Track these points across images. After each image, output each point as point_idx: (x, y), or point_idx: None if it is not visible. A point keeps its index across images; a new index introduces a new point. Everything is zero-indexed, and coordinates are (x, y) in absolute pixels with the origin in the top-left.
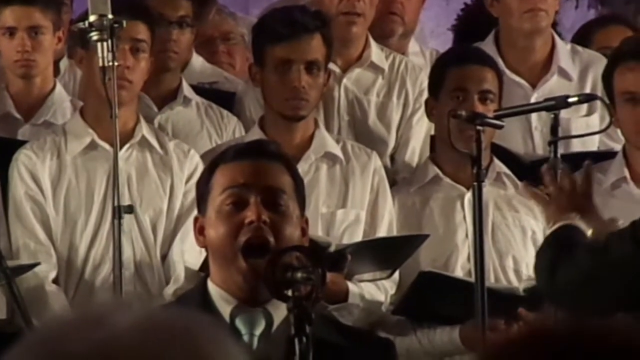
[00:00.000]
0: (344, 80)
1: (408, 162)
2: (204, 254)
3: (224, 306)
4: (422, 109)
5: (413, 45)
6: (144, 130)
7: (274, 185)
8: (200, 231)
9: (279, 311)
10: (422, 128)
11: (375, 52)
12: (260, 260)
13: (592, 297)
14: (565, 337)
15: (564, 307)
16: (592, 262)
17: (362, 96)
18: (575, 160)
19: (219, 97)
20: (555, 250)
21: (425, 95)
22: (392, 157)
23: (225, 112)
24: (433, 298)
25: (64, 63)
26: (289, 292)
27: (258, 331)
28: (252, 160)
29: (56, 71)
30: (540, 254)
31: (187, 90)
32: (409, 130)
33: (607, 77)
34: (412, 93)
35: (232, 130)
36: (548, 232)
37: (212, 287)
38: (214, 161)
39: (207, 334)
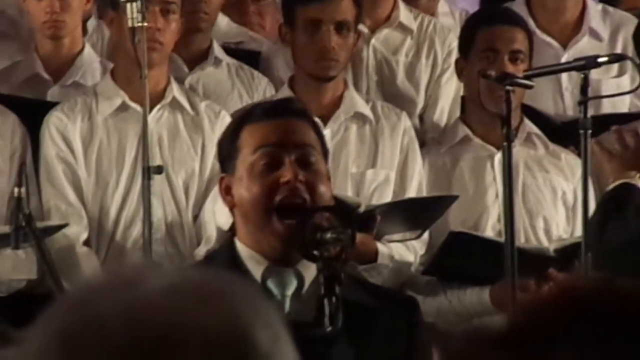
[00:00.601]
0: (373, 41)
1: (437, 122)
2: None
3: (255, 266)
4: (451, 69)
5: (442, 6)
6: (175, 91)
7: (307, 143)
8: (227, 191)
9: (309, 271)
10: (450, 88)
11: (404, 13)
12: (292, 221)
13: (636, 260)
14: (596, 297)
15: (608, 267)
16: None
17: (391, 56)
18: (606, 121)
19: (244, 56)
20: (609, 208)
21: (454, 55)
22: (420, 117)
23: (255, 72)
24: (463, 258)
25: (91, 23)
26: (318, 253)
27: (290, 292)
28: (281, 118)
29: (84, 31)
30: (595, 210)
31: (217, 51)
32: (438, 90)
33: (638, 38)
34: (441, 53)
35: (262, 90)
36: (607, 188)
37: (241, 247)
38: (239, 120)
39: (240, 295)
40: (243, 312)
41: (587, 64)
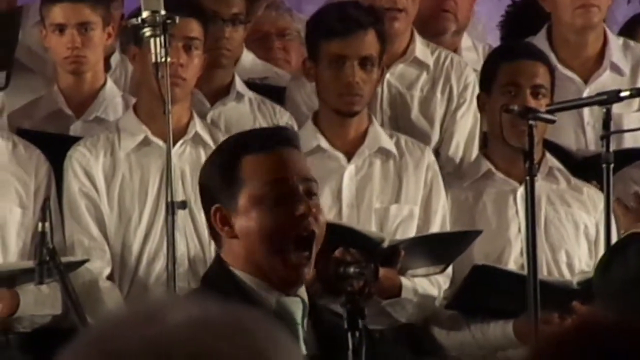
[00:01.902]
0: (387, 76)
1: (452, 157)
2: None
3: (266, 296)
4: (467, 103)
5: (465, 41)
6: (197, 126)
7: (309, 175)
8: (223, 221)
9: (306, 300)
10: (466, 122)
11: (420, 48)
12: (307, 253)
13: (637, 297)
14: (617, 332)
15: (613, 306)
16: None
17: (405, 91)
18: (628, 155)
19: (269, 92)
20: (613, 250)
21: (470, 90)
22: (436, 152)
23: (277, 107)
24: (487, 292)
25: (115, 58)
26: (342, 287)
27: (299, 320)
28: (281, 148)
29: (107, 67)
30: (602, 254)
31: (239, 85)
32: (453, 124)
33: None
34: (457, 88)
35: (284, 124)
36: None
37: (244, 275)
38: (234, 151)
39: (261, 329)
40: (265, 345)
41: (610, 98)
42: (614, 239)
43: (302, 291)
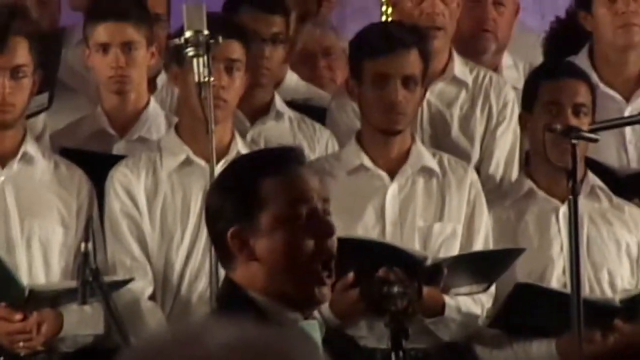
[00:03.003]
0: (427, 94)
1: (492, 174)
2: None
3: (287, 319)
4: (506, 121)
5: (507, 59)
6: (239, 146)
7: (327, 195)
8: (242, 244)
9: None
10: (506, 140)
11: (459, 66)
12: (330, 273)
13: None
14: None
15: None
16: None
17: (445, 109)
18: None
19: (311, 111)
20: None
21: (510, 108)
22: (476, 170)
23: (317, 125)
24: (530, 310)
25: (161, 79)
26: (386, 307)
27: (319, 343)
28: (300, 168)
29: (153, 87)
30: None
31: (279, 104)
32: (493, 142)
33: None
34: (496, 106)
35: (325, 143)
36: None
37: (262, 299)
38: (250, 174)
39: (300, 352)
40: None
41: None
42: None
43: (316, 313)
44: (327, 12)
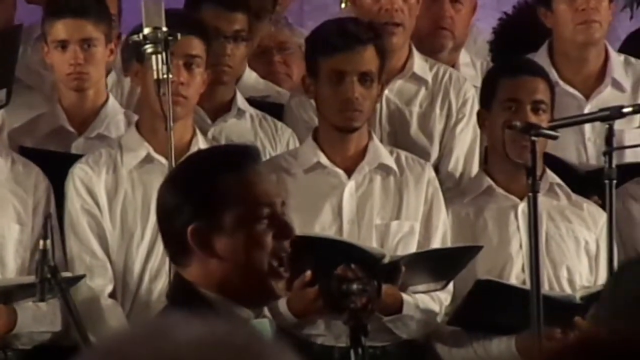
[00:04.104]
0: (386, 91)
1: (452, 172)
2: None
3: (242, 317)
4: (466, 118)
5: (464, 57)
6: (200, 143)
7: (283, 194)
8: (203, 242)
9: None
10: (465, 138)
11: (418, 63)
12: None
13: None
14: (619, 347)
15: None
16: None
17: (404, 107)
18: (629, 171)
19: (269, 108)
20: (626, 261)
21: (469, 105)
22: (435, 168)
23: (279, 123)
24: (490, 307)
25: (111, 78)
26: (345, 304)
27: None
28: (258, 167)
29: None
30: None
31: (241, 102)
32: (452, 140)
33: None
34: (456, 103)
35: (286, 141)
36: None
37: (214, 296)
38: (209, 171)
39: (267, 350)
40: None
41: (612, 114)
42: (616, 255)
43: (266, 311)
44: (282, 9)
